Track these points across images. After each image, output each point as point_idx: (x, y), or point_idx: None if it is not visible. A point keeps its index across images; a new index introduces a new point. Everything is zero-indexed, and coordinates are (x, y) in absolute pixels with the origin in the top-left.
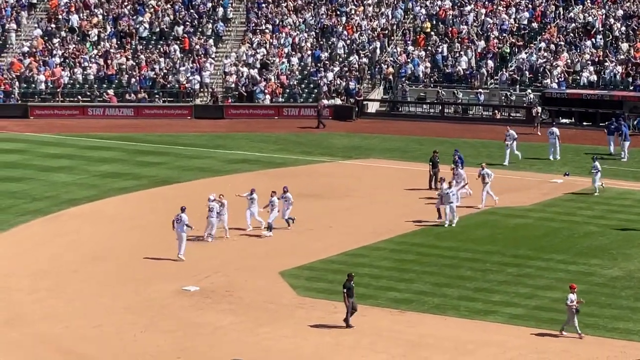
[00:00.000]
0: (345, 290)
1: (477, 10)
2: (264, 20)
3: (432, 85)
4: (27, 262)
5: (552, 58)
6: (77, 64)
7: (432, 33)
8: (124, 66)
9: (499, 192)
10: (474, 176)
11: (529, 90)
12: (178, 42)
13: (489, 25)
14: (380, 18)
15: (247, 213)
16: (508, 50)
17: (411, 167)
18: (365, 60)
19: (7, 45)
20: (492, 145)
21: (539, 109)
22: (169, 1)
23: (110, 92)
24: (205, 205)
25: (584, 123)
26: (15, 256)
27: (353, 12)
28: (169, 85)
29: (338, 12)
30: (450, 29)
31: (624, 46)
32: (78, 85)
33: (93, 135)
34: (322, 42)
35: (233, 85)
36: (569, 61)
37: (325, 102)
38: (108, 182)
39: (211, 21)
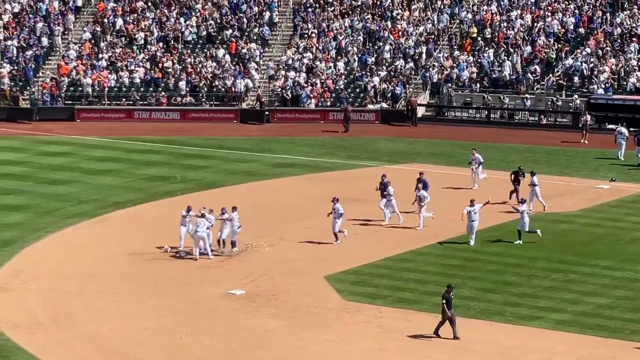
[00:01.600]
0: (444, 302)
1: (523, 15)
2: (310, 25)
3: (478, 90)
4: (74, 264)
5: (598, 63)
6: (124, 68)
7: (479, 38)
8: (170, 70)
9: (545, 198)
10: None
11: (576, 96)
12: (224, 46)
13: (535, 31)
14: (426, 23)
15: (182, 230)
16: (554, 56)
17: (457, 172)
18: (411, 64)
19: (55, 48)
20: (538, 150)
21: (588, 117)
22: (216, 5)
23: (163, 94)
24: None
25: (631, 129)
26: (63, 258)
27: (399, 16)
28: (215, 89)
29: (384, 17)
30: (496, 34)
31: None
32: (124, 89)
33: (139, 139)
34: (368, 47)
35: (279, 89)
36: (615, 67)
37: (350, 107)
38: (154, 186)
39: (257, 25)
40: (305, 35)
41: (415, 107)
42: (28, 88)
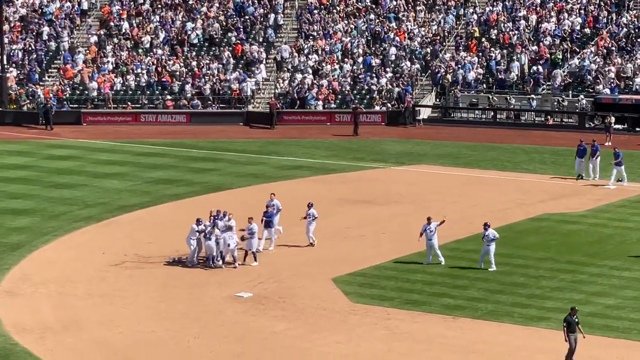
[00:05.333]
0: (565, 325)
1: (529, 16)
2: (315, 27)
3: (484, 91)
4: (82, 268)
5: (604, 64)
6: (130, 71)
7: (484, 39)
8: (177, 73)
9: (551, 198)
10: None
11: (582, 96)
12: (230, 48)
13: (540, 31)
14: (431, 24)
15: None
16: (560, 56)
17: (463, 173)
18: (417, 66)
19: (60, 52)
20: (545, 150)
21: (612, 119)
22: (221, 8)
23: (168, 97)
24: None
25: (637, 129)
26: (71, 262)
27: (404, 18)
28: (221, 92)
29: (389, 19)
30: (502, 35)
31: None
32: (130, 92)
33: (145, 142)
34: (373, 48)
35: (285, 92)
36: (621, 67)
37: (361, 108)
38: (161, 189)
39: (263, 27)
40: (311, 37)
41: (409, 107)
42: (33, 92)
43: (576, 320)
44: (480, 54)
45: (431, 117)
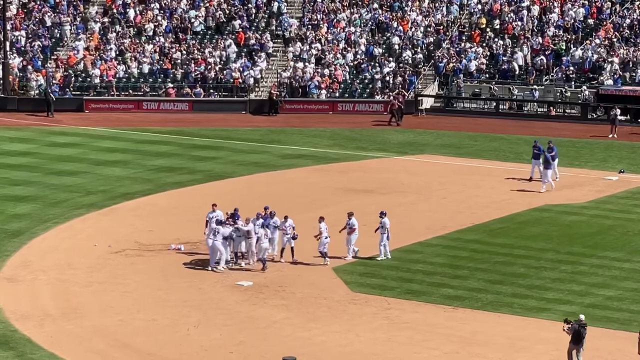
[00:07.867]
0: None
1: (531, 7)
2: (319, 15)
3: (486, 81)
4: (83, 255)
5: (607, 54)
6: (133, 59)
7: (488, 29)
8: (179, 60)
9: (554, 189)
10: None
11: (584, 87)
12: (233, 36)
13: (544, 22)
14: (435, 14)
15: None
16: (564, 47)
17: (465, 163)
18: (420, 56)
19: (64, 40)
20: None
21: (618, 111)
22: None
23: (170, 85)
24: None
25: None
26: (71, 249)
27: (408, 7)
28: (223, 80)
29: (393, 8)
30: (505, 25)
31: None
32: (133, 79)
33: (148, 130)
34: (377, 38)
35: (287, 81)
36: (625, 58)
37: (400, 97)
38: (163, 177)
39: (266, 16)
40: (314, 26)
41: (395, 106)
42: (35, 79)
43: None
44: (483, 44)
45: (434, 107)
